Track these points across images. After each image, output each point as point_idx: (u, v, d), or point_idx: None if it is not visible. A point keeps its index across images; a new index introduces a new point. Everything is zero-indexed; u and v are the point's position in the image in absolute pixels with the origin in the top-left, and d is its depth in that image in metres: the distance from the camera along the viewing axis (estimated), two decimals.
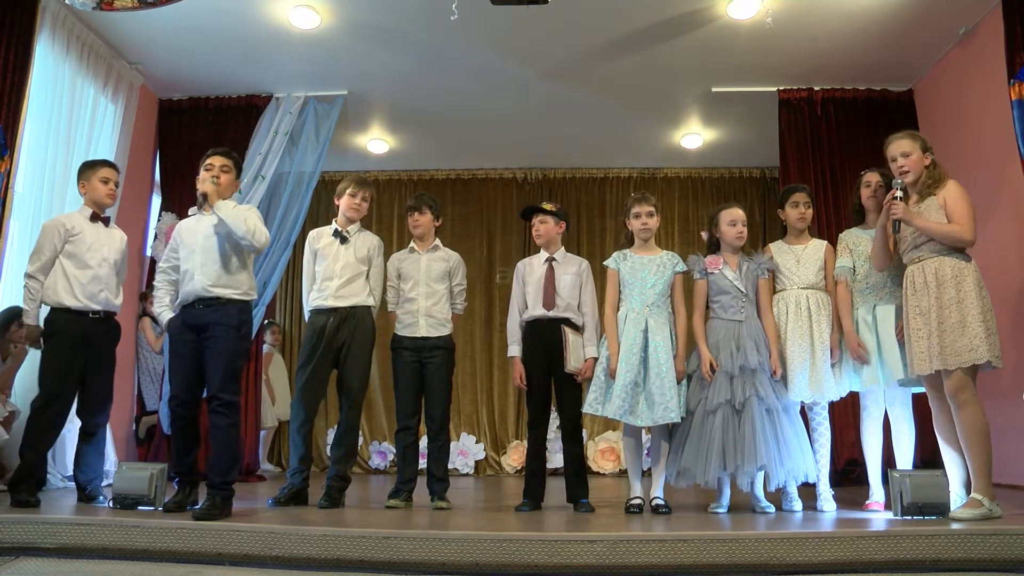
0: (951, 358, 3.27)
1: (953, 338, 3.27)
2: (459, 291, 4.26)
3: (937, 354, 3.30)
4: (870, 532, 2.87)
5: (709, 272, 3.90)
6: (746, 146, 7.12)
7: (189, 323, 3.56)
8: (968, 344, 3.24)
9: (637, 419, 3.73)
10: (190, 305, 3.57)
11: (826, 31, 5.25)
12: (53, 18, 4.75)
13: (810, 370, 3.77)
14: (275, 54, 5.59)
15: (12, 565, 2.84)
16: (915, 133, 3.66)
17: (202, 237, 3.62)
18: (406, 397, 4.08)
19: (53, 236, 3.86)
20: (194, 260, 3.59)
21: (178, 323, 3.61)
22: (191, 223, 3.76)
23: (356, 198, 4.21)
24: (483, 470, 7.32)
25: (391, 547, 2.75)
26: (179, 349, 3.58)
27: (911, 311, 3.45)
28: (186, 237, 3.68)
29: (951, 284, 3.32)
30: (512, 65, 5.70)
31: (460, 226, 7.70)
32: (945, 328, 3.29)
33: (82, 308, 3.83)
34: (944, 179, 3.48)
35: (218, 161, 3.69)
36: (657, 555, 2.69)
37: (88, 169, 4.07)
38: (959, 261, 3.36)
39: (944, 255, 3.38)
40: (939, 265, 3.37)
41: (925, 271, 3.41)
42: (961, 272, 3.33)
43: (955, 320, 3.28)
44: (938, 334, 3.31)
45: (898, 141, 3.58)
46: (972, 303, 3.28)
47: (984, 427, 3.24)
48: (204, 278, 3.54)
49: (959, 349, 3.25)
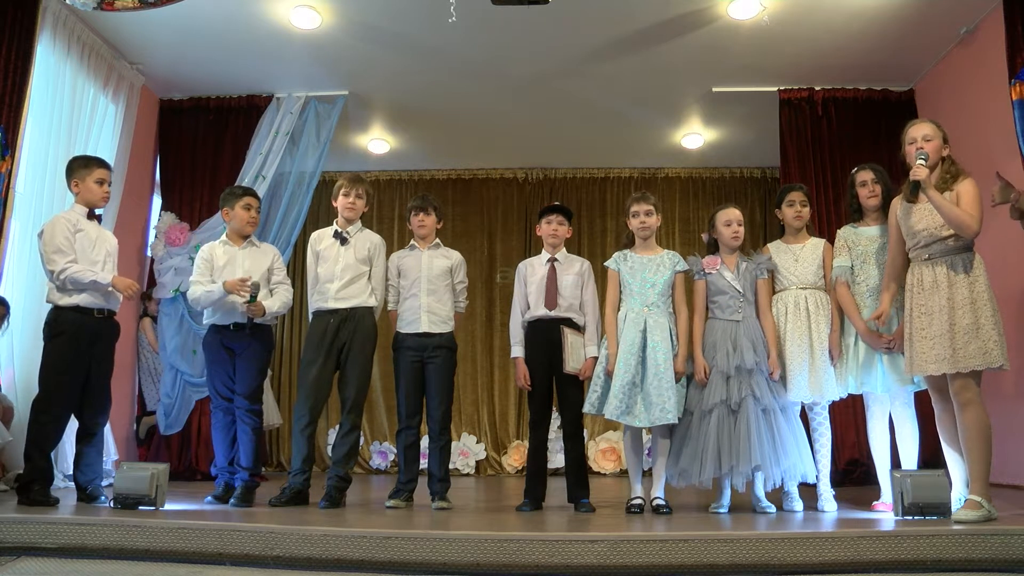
0: (963, 361, 3.20)
1: (966, 340, 3.20)
2: (461, 289, 4.27)
3: (948, 356, 3.23)
4: (871, 532, 2.86)
5: (707, 272, 3.90)
6: (747, 146, 7.12)
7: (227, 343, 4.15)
8: (982, 347, 3.18)
9: (635, 419, 3.73)
10: (225, 327, 4.14)
11: (827, 31, 5.25)
12: (54, 18, 4.75)
13: (809, 370, 3.77)
14: (276, 54, 5.59)
15: (13, 565, 2.84)
16: (936, 123, 3.55)
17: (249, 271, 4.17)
18: (407, 397, 4.09)
19: (65, 231, 3.80)
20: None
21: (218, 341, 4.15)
22: (222, 252, 4.25)
23: (349, 197, 4.22)
24: (484, 470, 7.32)
25: (392, 547, 2.75)
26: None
27: (915, 310, 3.39)
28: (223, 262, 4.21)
29: (964, 285, 3.25)
30: (513, 65, 5.70)
31: (461, 226, 7.70)
32: (957, 330, 3.22)
33: (90, 306, 3.81)
34: (961, 176, 3.40)
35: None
36: (658, 555, 2.69)
37: (83, 168, 3.94)
38: (975, 259, 3.30)
39: (955, 254, 3.31)
40: (951, 264, 3.30)
41: (936, 271, 3.34)
42: (975, 272, 3.27)
43: (968, 322, 3.21)
44: (950, 336, 3.23)
45: (921, 124, 3.52)
46: (985, 305, 3.23)
47: (987, 429, 3.20)
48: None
49: (973, 352, 3.19)
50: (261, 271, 4.22)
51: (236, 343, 4.16)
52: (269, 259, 4.31)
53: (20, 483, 3.71)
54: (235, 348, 4.16)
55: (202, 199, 6.03)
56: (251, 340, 4.16)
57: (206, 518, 3.23)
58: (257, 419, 4.18)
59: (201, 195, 6.05)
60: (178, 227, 5.90)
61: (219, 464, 4.20)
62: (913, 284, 3.43)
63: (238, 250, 4.26)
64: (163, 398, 5.70)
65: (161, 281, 5.77)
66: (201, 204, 6.02)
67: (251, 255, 4.27)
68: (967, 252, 3.33)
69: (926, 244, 3.40)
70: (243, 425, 4.14)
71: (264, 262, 4.27)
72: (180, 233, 5.86)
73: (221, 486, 4.13)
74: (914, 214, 3.45)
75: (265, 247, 4.41)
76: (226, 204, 4.31)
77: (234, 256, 4.23)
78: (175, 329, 5.71)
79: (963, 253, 3.32)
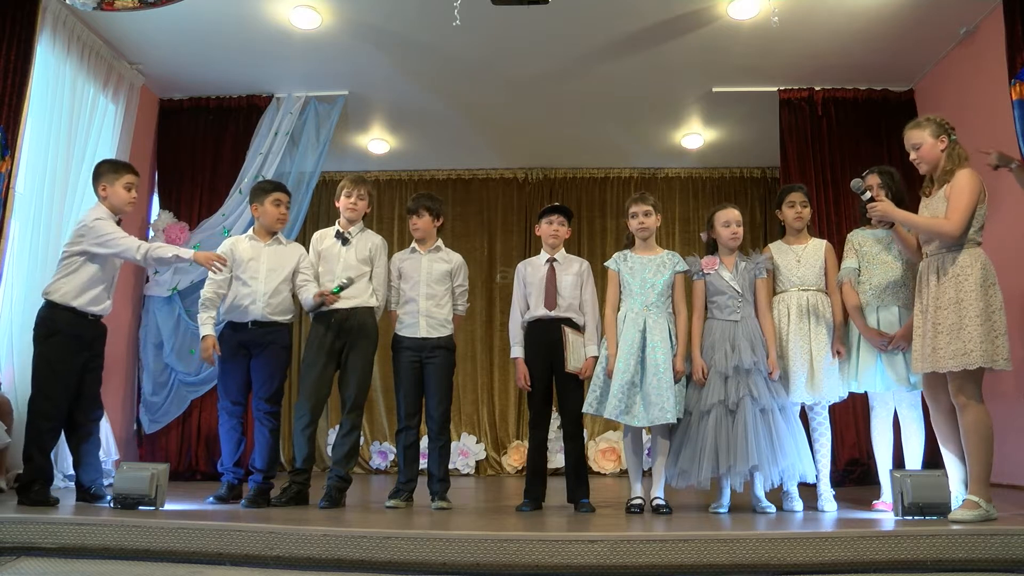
0: (941, 361, 3.20)
1: (947, 340, 3.19)
2: (460, 292, 4.26)
3: (929, 355, 3.25)
4: (871, 532, 2.86)
5: (705, 273, 3.90)
6: (747, 146, 7.12)
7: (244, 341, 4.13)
8: (961, 348, 3.15)
9: (634, 419, 3.73)
10: (243, 325, 4.11)
11: (827, 31, 5.25)
12: (54, 18, 4.75)
13: (810, 371, 3.77)
14: (276, 54, 5.59)
15: (13, 565, 2.85)
16: (928, 118, 3.48)
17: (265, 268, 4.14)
18: (407, 397, 4.09)
19: (110, 218, 3.86)
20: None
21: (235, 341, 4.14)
22: (248, 247, 4.20)
23: (351, 197, 4.22)
24: (484, 470, 7.32)
25: (392, 547, 2.75)
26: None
27: (916, 307, 3.41)
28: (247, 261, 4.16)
29: (951, 284, 3.23)
30: (513, 65, 5.70)
31: (461, 226, 7.69)
32: (940, 330, 3.22)
33: (84, 310, 3.79)
34: (962, 162, 3.35)
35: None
36: (658, 555, 2.69)
37: (112, 172, 3.93)
38: (965, 257, 3.24)
39: (949, 251, 3.28)
40: (942, 262, 3.29)
41: (930, 268, 3.34)
42: (964, 271, 3.22)
43: (951, 322, 3.19)
44: (932, 335, 3.25)
45: (908, 132, 3.48)
46: (971, 304, 3.17)
47: (987, 430, 3.18)
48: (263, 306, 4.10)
49: (951, 352, 3.17)
50: (284, 270, 4.18)
51: (253, 342, 4.12)
52: (295, 259, 4.24)
53: (20, 483, 3.71)
54: (251, 347, 4.13)
55: (201, 199, 6.03)
56: (269, 339, 4.12)
57: (206, 518, 3.23)
58: (276, 421, 4.15)
59: (200, 195, 6.04)
60: (177, 226, 5.90)
61: (225, 464, 4.18)
62: (919, 280, 3.44)
63: (264, 246, 4.22)
64: (149, 396, 5.70)
65: (158, 280, 5.77)
66: (200, 204, 6.01)
67: (276, 252, 4.22)
68: (956, 251, 3.28)
69: (927, 240, 3.40)
70: (261, 427, 4.12)
71: (288, 261, 4.22)
72: (180, 232, 5.85)
73: (225, 486, 4.12)
74: (921, 208, 3.47)
75: (292, 246, 4.33)
76: (255, 199, 4.28)
77: (260, 252, 4.20)
78: (172, 328, 5.71)
79: (951, 252, 3.28)
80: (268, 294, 4.10)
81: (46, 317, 3.77)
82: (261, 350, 4.12)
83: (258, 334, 4.11)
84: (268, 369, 4.12)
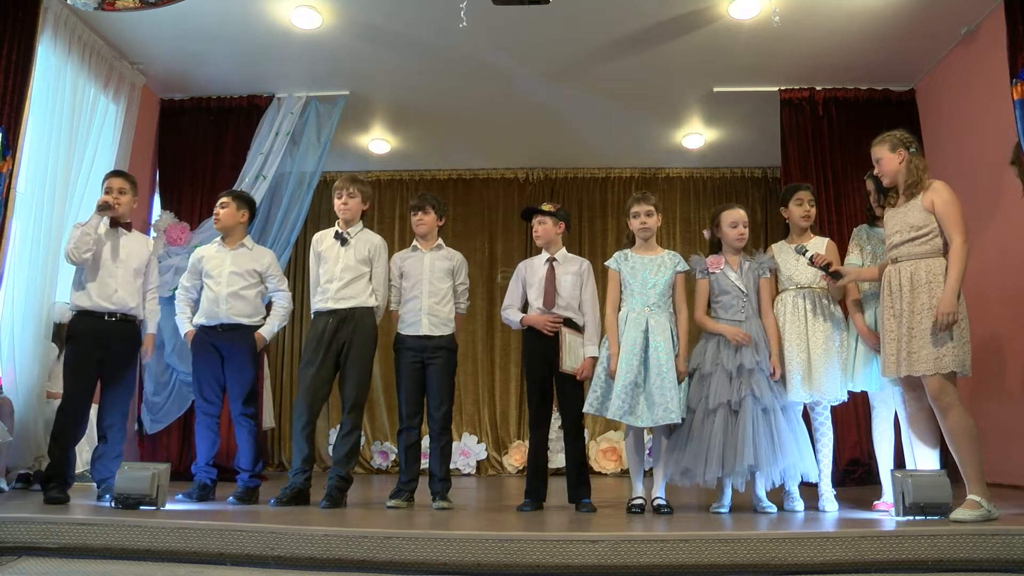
0: (917, 364, 3.27)
1: (921, 344, 3.26)
2: (462, 290, 4.27)
3: (904, 359, 3.30)
4: (872, 532, 2.86)
5: (711, 272, 3.90)
6: (748, 146, 7.12)
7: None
8: (934, 353, 3.23)
9: (637, 420, 3.73)
10: (213, 328, 4.18)
11: (828, 31, 5.25)
12: (55, 19, 4.75)
13: (807, 371, 3.77)
14: (277, 54, 5.59)
15: (14, 565, 2.85)
16: (888, 134, 3.56)
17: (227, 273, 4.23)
18: (408, 397, 4.09)
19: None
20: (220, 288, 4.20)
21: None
22: (213, 252, 4.30)
23: (341, 198, 4.24)
24: (485, 470, 7.32)
25: (392, 547, 2.75)
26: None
27: (886, 312, 3.46)
28: (211, 268, 4.25)
29: (925, 290, 3.30)
30: (514, 65, 5.70)
31: (461, 226, 7.69)
32: (915, 334, 3.29)
33: (97, 309, 3.98)
34: (925, 177, 3.42)
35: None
36: (659, 555, 2.69)
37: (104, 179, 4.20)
38: (937, 265, 3.32)
39: (920, 258, 3.36)
40: (915, 269, 3.35)
41: (901, 274, 3.39)
42: (936, 279, 3.30)
43: (926, 327, 3.26)
44: (908, 339, 3.30)
45: (872, 148, 3.58)
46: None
47: (971, 430, 3.24)
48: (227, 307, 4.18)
49: (926, 356, 3.25)
50: (246, 274, 4.25)
51: (224, 344, 4.19)
52: (262, 263, 4.33)
53: (42, 479, 3.95)
54: (223, 349, 4.20)
55: (202, 199, 6.02)
56: (239, 341, 4.20)
57: (207, 518, 3.22)
58: (252, 421, 4.24)
59: (201, 195, 6.03)
60: (179, 227, 5.90)
61: (198, 463, 4.20)
62: (884, 286, 3.48)
63: (229, 251, 4.31)
64: (150, 396, 5.70)
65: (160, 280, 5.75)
66: (201, 204, 6.01)
67: (240, 257, 4.30)
68: (934, 257, 3.35)
69: (895, 245, 3.45)
70: (239, 428, 4.22)
71: (251, 265, 4.29)
72: (181, 232, 5.86)
73: (196, 485, 4.14)
74: (888, 217, 3.53)
75: (259, 250, 4.42)
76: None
77: (224, 258, 4.29)
78: (173, 328, 5.70)
79: (929, 258, 3.35)
80: (228, 296, 4.18)
81: (69, 322, 4.11)
82: (231, 353, 4.20)
83: (227, 336, 4.19)
84: (239, 371, 4.20)
